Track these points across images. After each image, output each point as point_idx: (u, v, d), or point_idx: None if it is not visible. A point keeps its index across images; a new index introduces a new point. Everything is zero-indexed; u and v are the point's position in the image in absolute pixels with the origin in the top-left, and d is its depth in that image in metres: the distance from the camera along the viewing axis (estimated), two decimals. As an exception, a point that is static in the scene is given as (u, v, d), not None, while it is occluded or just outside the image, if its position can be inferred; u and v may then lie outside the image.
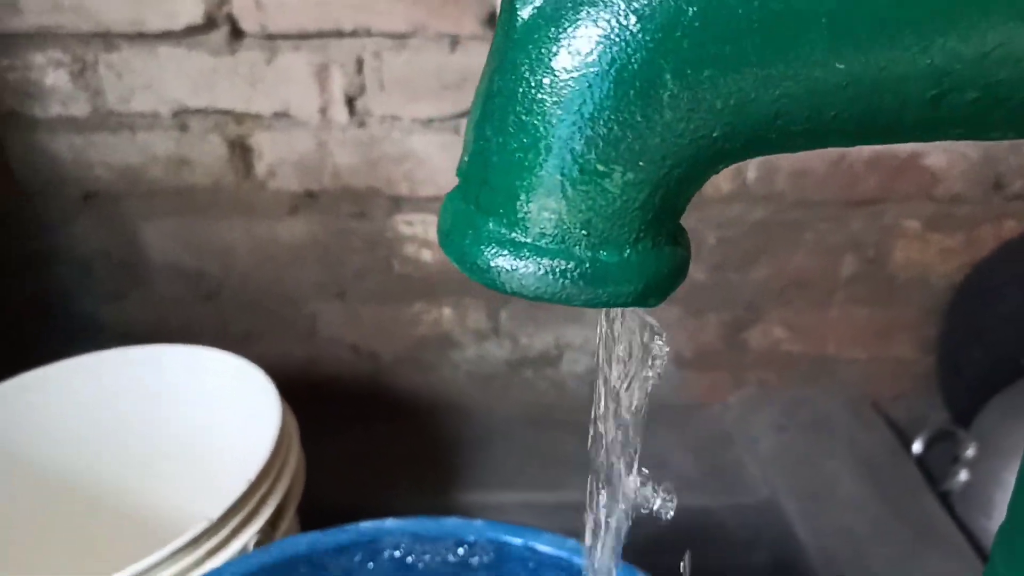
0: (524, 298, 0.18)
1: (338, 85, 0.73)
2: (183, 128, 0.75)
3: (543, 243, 0.17)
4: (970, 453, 0.78)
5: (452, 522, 0.44)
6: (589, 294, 0.18)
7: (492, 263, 0.18)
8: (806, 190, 0.78)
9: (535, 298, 0.18)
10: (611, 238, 0.17)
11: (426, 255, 0.80)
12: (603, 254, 0.17)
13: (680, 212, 0.18)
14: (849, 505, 0.76)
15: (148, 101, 0.74)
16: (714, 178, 0.19)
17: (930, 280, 0.83)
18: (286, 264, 0.81)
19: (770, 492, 0.78)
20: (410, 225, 0.79)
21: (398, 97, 0.73)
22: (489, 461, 0.82)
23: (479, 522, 0.43)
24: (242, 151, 0.76)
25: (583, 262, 0.17)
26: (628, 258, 0.18)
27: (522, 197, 0.17)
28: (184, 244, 0.81)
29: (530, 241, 0.18)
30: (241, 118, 0.75)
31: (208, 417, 0.68)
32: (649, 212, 0.17)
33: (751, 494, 0.78)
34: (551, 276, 0.17)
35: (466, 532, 0.42)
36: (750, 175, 0.77)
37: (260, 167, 0.77)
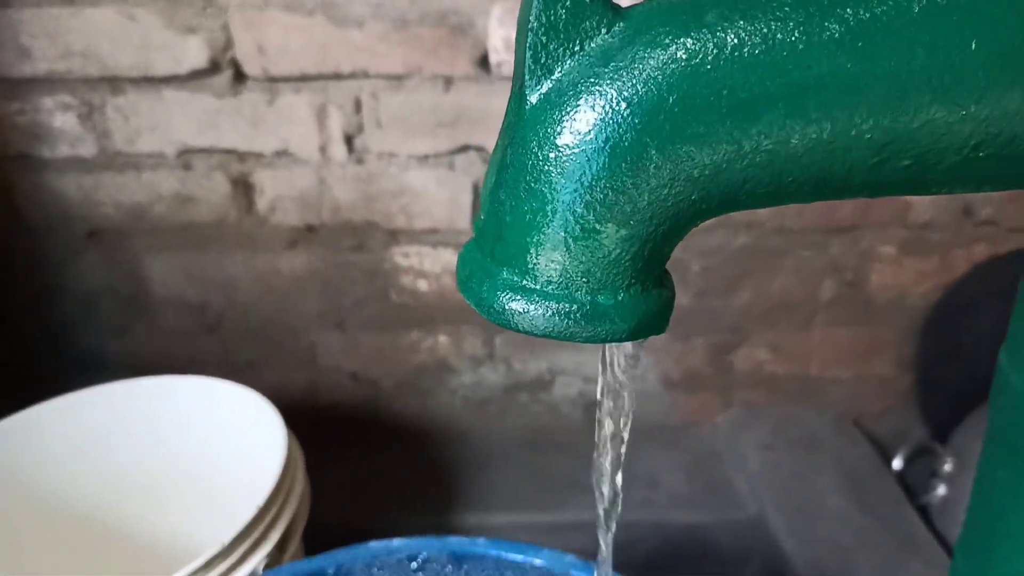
0: (534, 336, 0.21)
1: (337, 124, 0.76)
2: (187, 167, 0.78)
3: (550, 289, 0.21)
4: (947, 468, 0.81)
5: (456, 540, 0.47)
6: (590, 332, 0.21)
7: (507, 306, 0.21)
8: (786, 218, 0.82)
9: (543, 335, 0.21)
10: (607, 284, 0.20)
11: (422, 285, 0.83)
12: (601, 298, 0.21)
13: (665, 260, 0.22)
14: (834, 518, 0.78)
15: (154, 142, 0.77)
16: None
17: (906, 302, 0.86)
18: (287, 295, 0.84)
19: (759, 507, 0.80)
20: (407, 257, 0.82)
21: (395, 135, 0.76)
22: (486, 483, 0.84)
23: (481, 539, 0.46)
24: (244, 188, 0.79)
25: (584, 305, 0.21)
26: (622, 301, 0.21)
27: (531, 251, 0.20)
28: (187, 278, 0.83)
29: (539, 287, 0.21)
30: (243, 157, 0.78)
31: (216, 446, 0.70)
32: (639, 262, 0.20)
33: (741, 510, 0.81)
34: (557, 317, 0.20)
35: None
36: (732, 204, 0.81)
37: (262, 203, 0.80)
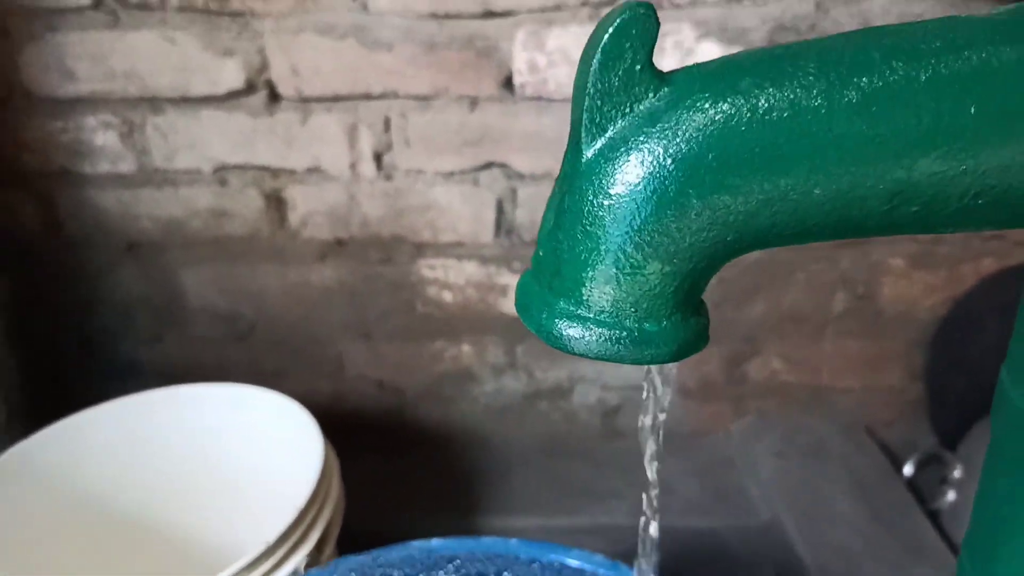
0: (588, 358, 0.24)
1: (367, 143, 0.79)
2: (223, 183, 0.81)
3: (602, 318, 0.23)
4: (957, 474, 0.83)
5: (489, 541, 0.50)
6: (637, 355, 0.24)
7: (564, 333, 0.24)
8: (798, 232, 0.84)
9: (597, 358, 0.24)
10: (653, 313, 0.23)
11: (447, 296, 0.86)
12: (647, 325, 0.23)
13: (702, 291, 0.24)
14: (845, 524, 0.81)
15: (191, 159, 0.80)
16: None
17: (916, 314, 0.89)
18: (315, 306, 0.87)
19: (771, 514, 0.83)
20: (432, 269, 0.85)
21: (422, 153, 0.79)
22: (507, 488, 0.87)
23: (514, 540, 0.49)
24: (277, 203, 0.82)
25: (632, 332, 0.23)
26: (665, 328, 0.24)
27: (587, 285, 0.23)
28: (220, 289, 0.86)
29: (592, 316, 0.24)
30: (277, 173, 0.81)
31: (250, 451, 0.72)
32: (681, 294, 0.23)
33: (754, 516, 0.83)
34: (609, 343, 0.23)
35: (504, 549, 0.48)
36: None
37: (293, 218, 0.83)
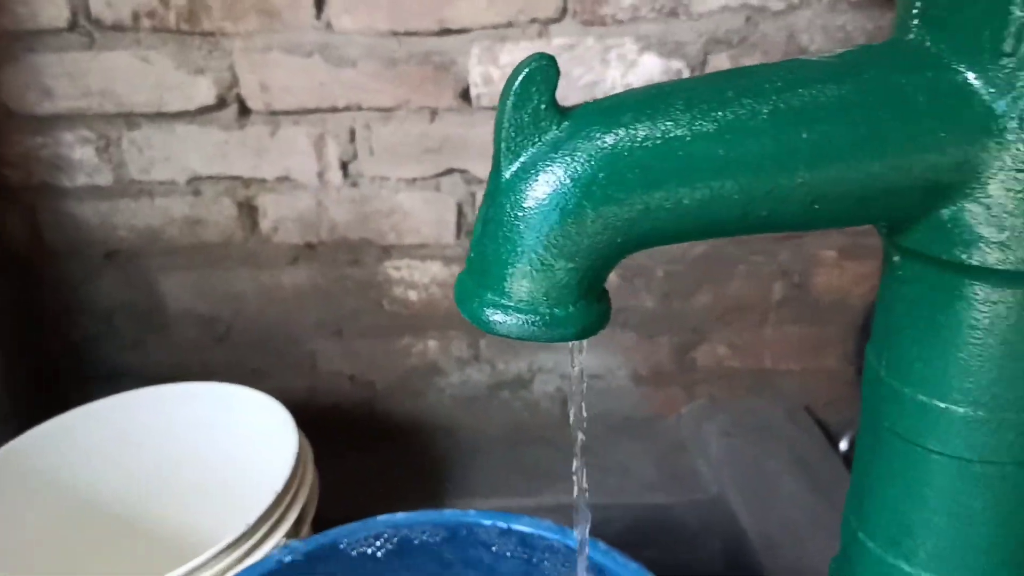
0: (511, 338, 0.30)
1: (333, 152, 0.84)
2: (197, 193, 0.86)
3: (521, 306, 0.29)
4: (887, 448, 0.90)
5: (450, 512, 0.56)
6: (549, 335, 0.29)
7: (491, 319, 0.29)
8: (738, 228, 0.90)
9: (518, 338, 0.29)
10: (561, 302, 0.29)
11: (412, 295, 0.92)
12: (557, 311, 0.29)
13: (602, 283, 0.30)
14: (788, 498, 0.86)
15: (166, 171, 0.85)
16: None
17: (848, 301, 0.95)
18: (289, 307, 0.92)
19: (719, 489, 0.88)
20: (398, 270, 0.90)
21: (386, 161, 0.85)
22: (474, 474, 0.92)
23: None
24: (249, 211, 0.87)
25: (545, 316, 0.29)
26: (572, 313, 0.29)
27: (508, 280, 0.29)
28: (198, 294, 0.91)
29: (513, 304, 0.29)
30: (248, 183, 0.86)
31: (231, 446, 0.77)
32: (584, 286, 0.29)
33: (703, 492, 0.89)
34: (527, 325, 0.29)
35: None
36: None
37: (265, 224, 0.88)
